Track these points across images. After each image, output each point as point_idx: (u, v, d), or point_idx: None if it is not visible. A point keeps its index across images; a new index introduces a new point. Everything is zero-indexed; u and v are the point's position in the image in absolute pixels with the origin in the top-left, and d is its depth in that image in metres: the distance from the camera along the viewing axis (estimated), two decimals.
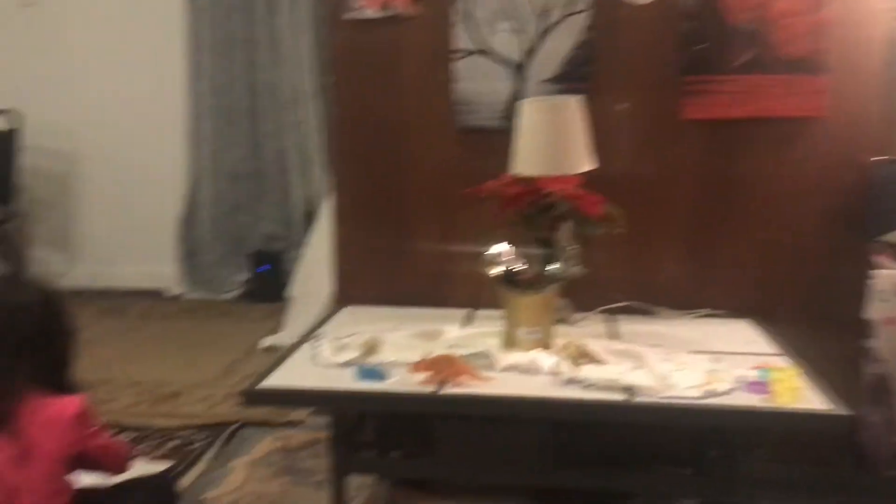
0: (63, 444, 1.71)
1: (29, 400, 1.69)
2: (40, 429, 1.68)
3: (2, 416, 1.65)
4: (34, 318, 1.70)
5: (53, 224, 4.65)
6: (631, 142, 2.15)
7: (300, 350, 1.89)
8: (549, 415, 1.65)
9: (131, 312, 4.12)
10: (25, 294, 1.73)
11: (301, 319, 3.30)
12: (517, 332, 1.81)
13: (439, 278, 2.28)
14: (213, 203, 4.39)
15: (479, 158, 2.19)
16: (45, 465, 1.68)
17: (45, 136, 4.48)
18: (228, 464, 2.33)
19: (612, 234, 2.08)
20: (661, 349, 1.82)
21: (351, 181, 2.32)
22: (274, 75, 4.27)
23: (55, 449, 1.70)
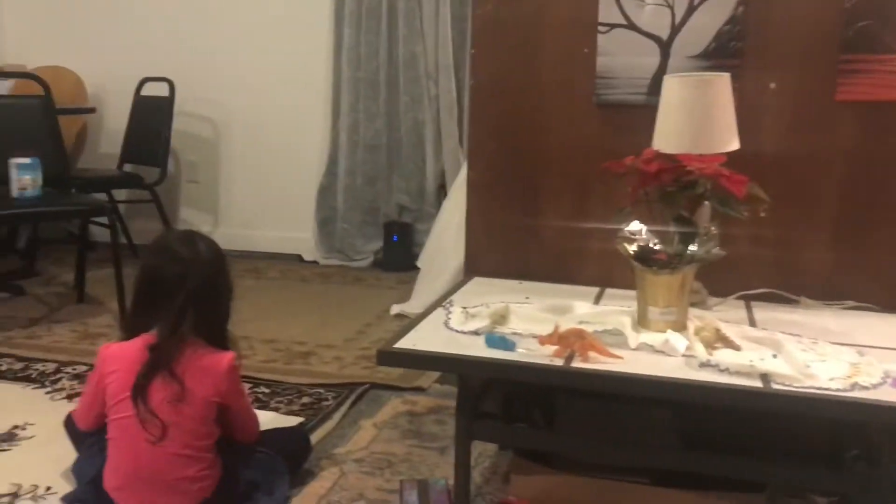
0: (214, 393, 1.83)
1: (190, 346, 1.82)
2: (196, 375, 1.81)
3: (165, 359, 1.78)
4: (206, 271, 1.82)
5: (201, 188, 4.92)
6: (780, 122, 2.07)
7: (431, 317, 1.93)
8: (681, 397, 1.62)
9: (270, 274, 4.32)
10: (200, 248, 1.85)
11: (429, 289, 3.37)
12: (650, 312, 1.78)
13: (570, 254, 2.27)
14: (350, 173, 4.52)
15: (618, 135, 2.16)
16: (197, 408, 1.81)
17: (197, 104, 4.74)
18: (357, 423, 2.42)
19: (754, 217, 2.01)
20: (802, 339, 1.76)
21: (486, 154, 2.34)
22: (413, 48, 4.33)
23: (207, 395, 1.82)
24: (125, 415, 1.78)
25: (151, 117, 4.45)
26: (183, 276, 1.78)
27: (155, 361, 1.78)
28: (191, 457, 1.80)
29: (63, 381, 2.72)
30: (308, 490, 2.02)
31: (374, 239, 4.56)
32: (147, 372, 1.77)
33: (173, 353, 1.79)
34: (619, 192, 1.89)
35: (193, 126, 4.82)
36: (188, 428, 1.79)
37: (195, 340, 1.83)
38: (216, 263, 1.87)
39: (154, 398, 1.77)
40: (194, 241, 1.87)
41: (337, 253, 4.59)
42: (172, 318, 1.78)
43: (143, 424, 1.77)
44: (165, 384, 1.78)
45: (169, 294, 1.79)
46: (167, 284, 1.79)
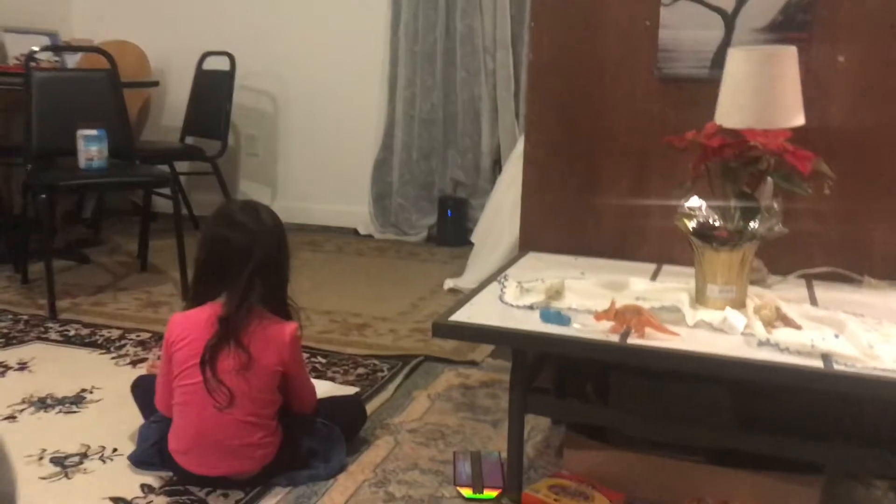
0: (278, 362, 1.87)
1: (256, 316, 1.86)
2: (262, 344, 1.85)
3: (234, 329, 1.82)
4: (271, 241, 1.85)
5: (260, 161, 4.99)
6: (848, 97, 2.01)
7: (485, 291, 1.94)
8: (740, 376, 1.60)
9: (326, 247, 4.37)
10: (264, 218, 1.88)
11: (483, 265, 3.38)
12: (709, 290, 1.76)
13: (628, 231, 2.25)
14: (406, 148, 4.54)
15: (680, 110, 2.13)
16: (262, 377, 1.85)
17: (257, 78, 4.80)
18: (411, 394, 2.45)
19: (818, 194, 1.97)
20: (865, 319, 1.72)
21: (543, 126, 2.32)
22: (471, 22, 4.31)
23: (271, 364, 1.86)
24: (193, 381, 1.83)
25: (212, 91, 4.52)
26: (250, 247, 1.81)
27: (224, 332, 1.82)
28: (255, 424, 1.85)
29: (127, 347, 2.81)
30: (363, 458, 2.05)
31: (428, 214, 4.58)
32: (217, 342, 1.82)
33: (241, 324, 1.82)
34: (679, 167, 1.86)
35: (253, 100, 4.88)
36: (253, 396, 1.84)
37: (260, 310, 1.86)
38: (279, 233, 1.90)
39: (222, 366, 1.82)
40: (258, 211, 1.89)
41: (392, 227, 4.62)
42: (241, 288, 1.81)
43: (211, 392, 1.81)
44: (233, 353, 1.82)
45: (236, 265, 1.82)
46: (234, 255, 1.82)
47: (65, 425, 2.21)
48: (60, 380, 2.50)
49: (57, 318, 3.07)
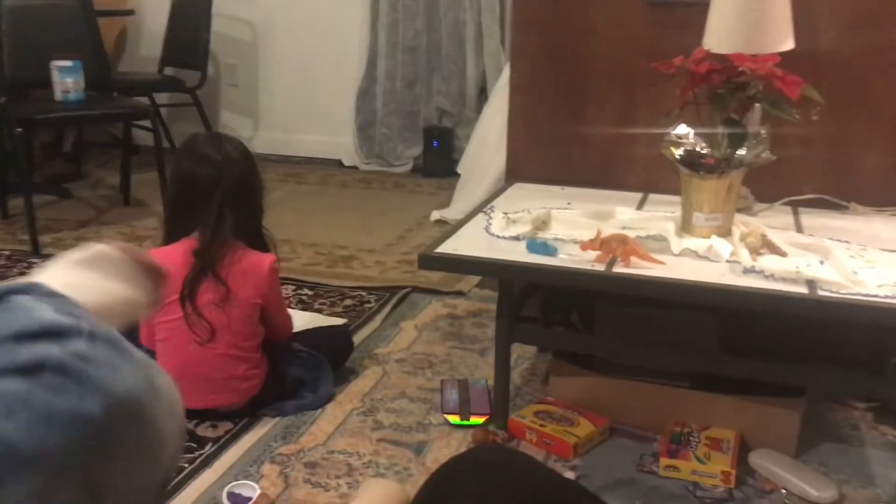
0: (257, 294, 1.87)
1: (231, 249, 1.85)
2: (239, 276, 1.84)
3: (210, 262, 1.81)
4: (238, 171, 1.83)
5: (241, 91, 4.90)
6: (839, 20, 1.97)
7: (472, 222, 1.93)
8: (725, 303, 1.62)
9: (310, 179, 4.33)
10: (229, 149, 1.85)
11: (469, 195, 3.36)
12: (695, 218, 1.76)
13: (615, 160, 2.24)
14: (389, 77, 4.46)
15: (668, 34, 2.08)
16: (242, 310, 1.85)
17: (234, 6, 4.66)
18: (398, 324, 2.46)
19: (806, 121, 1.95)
20: (851, 245, 1.73)
21: (529, 54, 2.28)
22: None
23: (250, 296, 1.86)
24: (173, 317, 1.83)
25: (190, 20, 4.40)
26: (216, 179, 1.80)
27: (201, 265, 1.81)
28: (238, 357, 1.85)
29: None
30: (351, 388, 2.07)
31: (413, 144, 4.53)
32: (194, 276, 1.81)
33: (217, 257, 1.82)
34: (666, 94, 1.84)
35: (232, 28, 4.76)
36: (234, 329, 1.84)
37: (235, 243, 1.85)
38: (246, 163, 1.88)
39: (201, 300, 1.82)
40: (223, 142, 1.87)
41: (377, 158, 4.57)
42: (212, 221, 1.80)
43: (192, 326, 1.82)
44: (211, 287, 1.82)
45: (205, 197, 1.80)
46: (202, 188, 1.81)
47: None
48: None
49: (40, 254, 3.05)
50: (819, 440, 1.86)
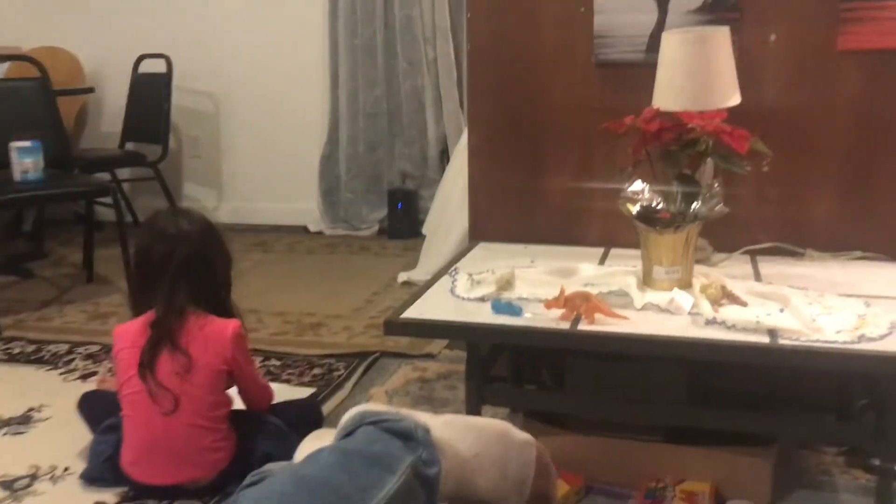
0: (221, 360, 1.86)
1: (192, 318, 1.85)
2: (202, 344, 1.84)
3: (166, 332, 1.82)
4: (192, 245, 1.87)
5: (204, 162, 4.91)
6: (781, 75, 2.04)
7: (437, 285, 1.94)
8: (688, 355, 1.63)
9: (276, 247, 4.33)
10: (184, 223, 1.90)
11: (435, 256, 3.38)
12: (655, 272, 1.78)
13: (574, 216, 2.27)
14: (352, 142, 4.50)
15: (619, 94, 2.14)
16: (206, 378, 1.84)
17: (195, 79, 4.71)
18: (368, 391, 2.44)
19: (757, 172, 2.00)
20: (808, 292, 1.76)
21: (486, 117, 2.32)
22: (409, 11, 4.28)
23: (213, 364, 1.85)
24: (135, 390, 1.82)
25: (150, 94, 4.43)
26: (171, 250, 1.85)
27: (158, 335, 1.82)
28: (205, 427, 1.83)
29: (76, 361, 2.75)
30: None
31: (378, 207, 4.55)
32: (151, 346, 1.82)
33: (174, 326, 1.82)
34: (622, 151, 1.88)
35: (193, 101, 4.80)
36: (199, 398, 1.82)
37: (197, 312, 1.86)
38: (203, 235, 1.92)
39: (161, 371, 1.81)
40: (178, 217, 1.95)
41: (342, 222, 4.59)
42: (166, 291, 1.84)
43: (154, 398, 1.80)
44: (171, 356, 1.81)
45: (160, 271, 1.86)
46: (157, 262, 1.87)
47: (12, 447, 2.15)
48: (5, 400, 2.43)
49: (0, 337, 2.99)
50: (793, 487, 1.86)
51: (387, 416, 0.98)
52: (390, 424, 0.96)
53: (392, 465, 0.93)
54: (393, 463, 0.93)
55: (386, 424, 0.96)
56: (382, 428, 0.96)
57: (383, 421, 0.97)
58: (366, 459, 0.92)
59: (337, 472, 0.91)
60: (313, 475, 0.92)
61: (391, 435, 0.96)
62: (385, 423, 0.96)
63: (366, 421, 0.97)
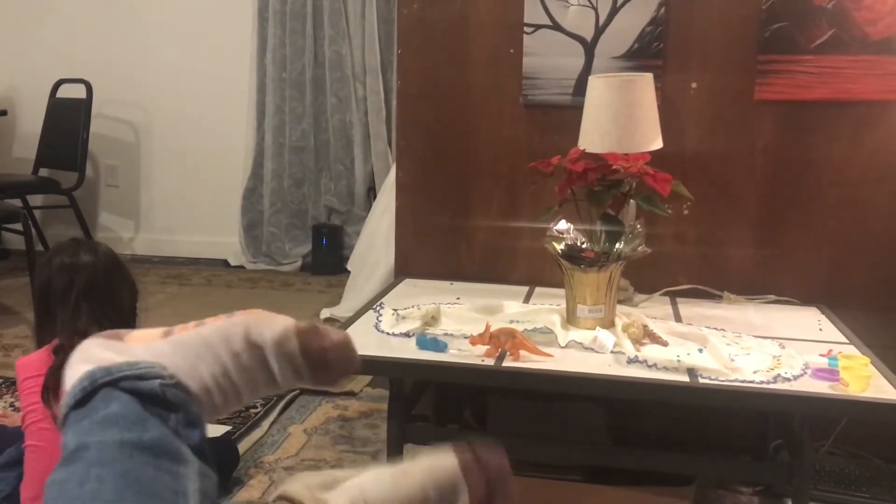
0: None
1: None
2: None
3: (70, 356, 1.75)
4: (93, 274, 1.84)
5: (121, 192, 4.77)
6: (702, 122, 2.11)
7: (361, 319, 1.91)
8: (611, 393, 1.64)
9: (194, 280, 4.21)
10: (82, 253, 1.86)
11: (359, 292, 3.34)
12: (579, 310, 1.80)
13: (501, 254, 2.28)
14: (277, 176, 4.45)
15: (546, 135, 2.18)
16: None
17: (116, 106, 4.59)
18: (287, 429, 2.37)
19: (678, 215, 2.06)
20: (726, 333, 1.80)
21: (414, 154, 2.33)
22: (339, 49, 4.29)
23: None
24: (40, 418, 1.73)
25: (68, 120, 4.29)
26: (70, 281, 1.81)
27: (62, 360, 1.74)
28: None
29: None
30: (236, 499, 1.96)
31: (302, 242, 4.49)
32: (54, 371, 1.74)
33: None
34: (548, 191, 1.91)
35: (113, 129, 4.67)
36: None
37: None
38: (104, 265, 1.88)
39: None
40: (78, 247, 1.89)
41: (264, 257, 4.51)
42: (68, 318, 1.78)
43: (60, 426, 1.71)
44: None
45: (61, 301, 1.81)
46: (57, 293, 1.82)
47: None
48: None
49: None
50: None
51: (121, 370, 0.76)
52: (133, 385, 0.74)
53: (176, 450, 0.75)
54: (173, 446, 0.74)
55: (127, 385, 0.74)
56: (126, 390, 0.74)
57: (122, 379, 0.75)
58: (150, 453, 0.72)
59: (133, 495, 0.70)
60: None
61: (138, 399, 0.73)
62: (124, 381, 0.75)
63: (99, 381, 0.78)
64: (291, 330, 0.82)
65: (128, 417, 0.74)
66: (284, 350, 0.81)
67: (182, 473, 0.74)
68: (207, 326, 0.83)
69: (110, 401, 0.75)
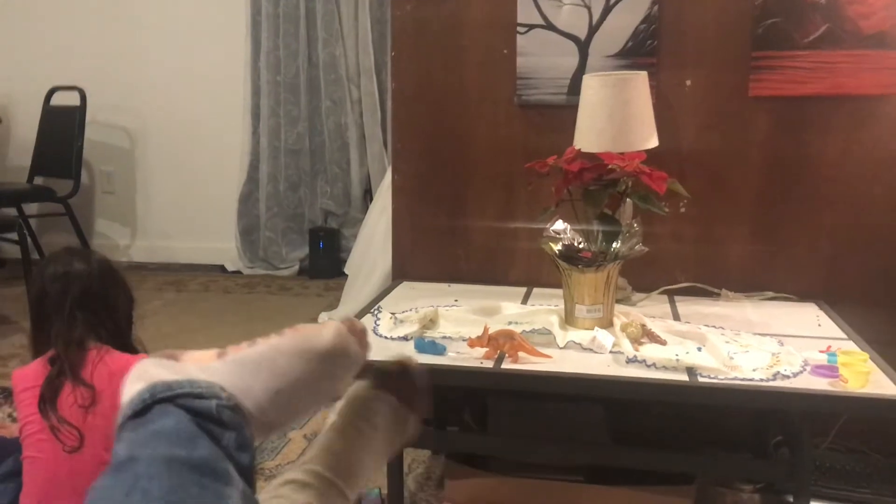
0: None
1: (94, 351, 1.79)
2: (106, 377, 1.76)
3: (68, 366, 1.75)
4: (87, 282, 1.83)
5: (117, 199, 4.76)
6: (697, 119, 2.11)
7: None
8: (610, 394, 1.64)
9: (191, 286, 4.20)
10: (75, 261, 1.86)
11: (358, 295, 3.34)
12: (577, 310, 1.79)
13: (498, 255, 2.27)
14: (272, 179, 4.44)
15: (541, 135, 2.17)
16: (111, 409, 1.75)
17: (110, 113, 4.59)
18: (286, 435, 2.37)
19: (674, 214, 2.05)
20: (725, 331, 1.79)
21: (410, 157, 2.32)
22: (333, 51, 4.28)
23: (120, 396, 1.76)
24: (37, 429, 1.72)
25: (62, 128, 4.28)
26: (64, 291, 1.80)
27: (58, 369, 1.75)
28: None
29: None
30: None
31: (299, 246, 4.49)
32: (51, 380, 1.73)
33: (75, 360, 1.76)
34: (544, 190, 1.90)
35: (107, 135, 4.66)
36: (105, 430, 1.73)
37: (101, 346, 1.79)
38: (98, 273, 1.87)
39: (63, 405, 1.72)
40: (72, 256, 1.89)
41: (261, 262, 4.50)
42: (65, 326, 1.77)
43: (58, 434, 1.71)
44: (73, 389, 1.73)
45: (56, 310, 1.80)
46: (52, 302, 1.81)
47: None
48: None
49: None
50: None
51: (182, 387, 0.81)
52: (191, 403, 0.79)
53: (224, 471, 0.77)
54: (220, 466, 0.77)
55: (186, 402, 0.80)
56: (184, 407, 0.79)
57: (181, 396, 0.80)
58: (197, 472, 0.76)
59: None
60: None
61: (193, 417, 0.78)
62: (183, 398, 0.80)
63: (159, 395, 0.80)
64: (343, 330, 0.88)
65: (180, 434, 0.77)
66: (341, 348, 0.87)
67: (227, 494, 0.76)
68: (260, 345, 0.85)
69: (165, 415, 0.78)
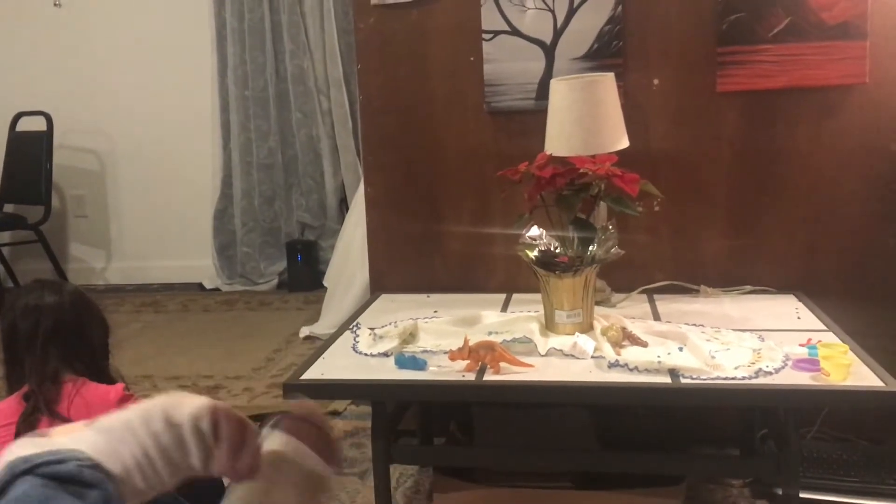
0: None
1: (70, 384, 1.76)
2: (83, 409, 1.73)
3: (44, 401, 1.73)
4: (59, 314, 1.80)
5: (90, 222, 4.70)
6: (666, 118, 2.11)
7: (338, 341, 1.88)
8: (594, 400, 1.63)
9: (170, 307, 4.16)
10: (46, 294, 1.83)
11: (338, 307, 3.31)
12: (557, 316, 1.78)
13: (475, 263, 2.26)
14: (247, 195, 4.40)
15: (512, 141, 2.16)
16: None
17: (78, 136, 4.53)
18: None
19: (649, 213, 2.05)
20: (705, 328, 1.79)
21: (382, 167, 2.31)
22: (301, 63, 4.25)
23: None
24: None
25: (30, 153, 4.22)
26: (35, 324, 1.77)
27: (33, 406, 1.71)
28: None
29: None
30: None
31: (277, 260, 4.45)
32: (26, 418, 1.70)
33: (49, 396, 1.73)
34: (518, 197, 1.89)
35: (77, 159, 4.60)
36: None
37: (76, 378, 1.76)
38: (70, 304, 1.84)
39: None
40: (43, 289, 1.85)
41: (239, 278, 4.46)
42: (37, 362, 1.74)
43: None
44: (51, 425, 1.69)
45: (29, 344, 1.77)
46: (23, 336, 1.78)
47: None
48: None
49: None
50: None
51: (40, 458, 0.80)
52: (50, 469, 0.78)
53: None
54: None
55: (45, 470, 0.78)
56: (43, 475, 0.78)
57: (39, 465, 0.79)
58: None
59: None
60: None
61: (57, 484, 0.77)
62: (42, 467, 0.78)
63: (18, 470, 0.79)
64: (207, 407, 0.80)
65: (33, 498, 0.74)
66: (199, 426, 0.81)
67: None
68: (129, 411, 0.82)
69: (20, 485, 0.75)
